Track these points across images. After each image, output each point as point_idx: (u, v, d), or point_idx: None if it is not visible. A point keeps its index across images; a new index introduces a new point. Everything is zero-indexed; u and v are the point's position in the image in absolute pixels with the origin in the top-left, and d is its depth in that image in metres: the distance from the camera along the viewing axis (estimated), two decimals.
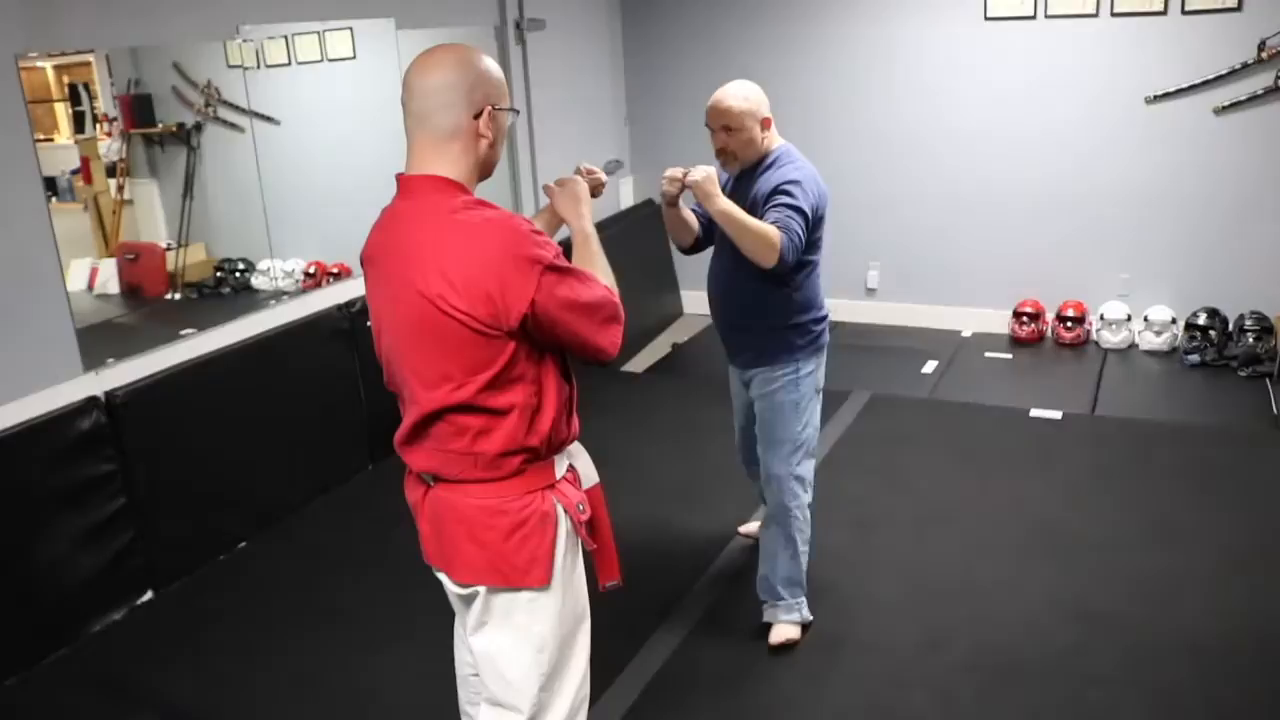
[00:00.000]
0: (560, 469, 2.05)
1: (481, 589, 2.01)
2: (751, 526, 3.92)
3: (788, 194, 2.97)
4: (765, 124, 3.09)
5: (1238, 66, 5.47)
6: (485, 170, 2.05)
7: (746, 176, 3.14)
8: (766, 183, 3.05)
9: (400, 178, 2.00)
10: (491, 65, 2.00)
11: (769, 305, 3.11)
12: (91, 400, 3.60)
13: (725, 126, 3.06)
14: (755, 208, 3.01)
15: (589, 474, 2.13)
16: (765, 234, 2.89)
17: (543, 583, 1.99)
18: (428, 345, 1.91)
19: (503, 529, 1.96)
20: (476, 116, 1.95)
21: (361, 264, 2.12)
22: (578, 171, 2.49)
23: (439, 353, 1.90)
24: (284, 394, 4.38)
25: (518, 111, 2.24)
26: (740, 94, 3.05)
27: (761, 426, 3.24)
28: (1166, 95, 5.67)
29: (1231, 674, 3.08)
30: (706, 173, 2.97)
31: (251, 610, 3.72)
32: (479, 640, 2.06)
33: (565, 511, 2.02)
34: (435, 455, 1.99)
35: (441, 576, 2.16)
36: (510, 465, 1.95)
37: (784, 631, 3.26)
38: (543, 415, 1.97)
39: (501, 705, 2.06)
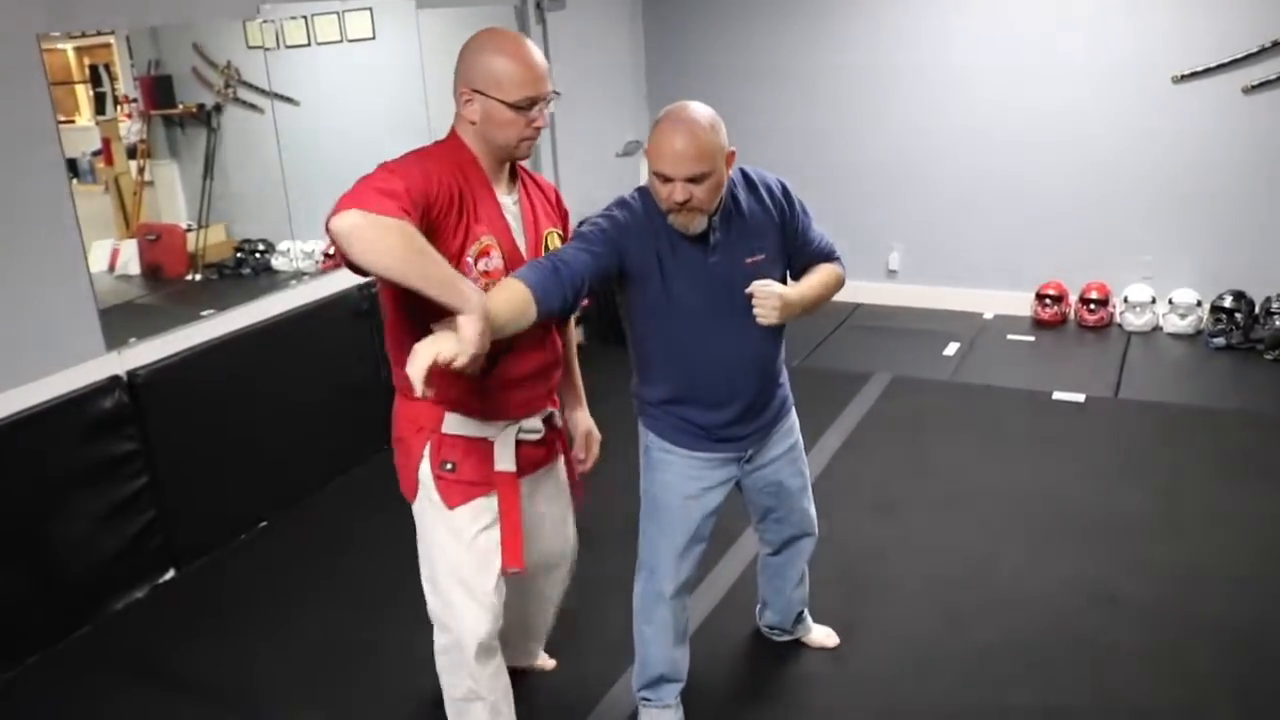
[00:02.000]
0: (452, 426, 2.31)
1: None
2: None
3: (807, 214, 2.62)
4: (730, 157, 2.40)
5: (1267, 45, 5.38)
6: (493, 149, 2.22)
7: (722, 225, 2.44)
8: (758, 215, 2.50)
9: None
10: (486, 53, 2.15)
11: (780, 355, 2.68)
12: (113, 380, 3.61)
13: (692, 177, 2.29)
14: (759, 250, 2.47)
15: (502, 460, 2.35)
16: (836, 280, 2.63)
17: (410, 498, 2.43)
18: None
19: (395, 440, 2.42)
20: (462, 97, 2.18)
21: None
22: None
23: None
24: (304, 374, 4.39)
25: (532, 103, 2.17)
26: (705, 123, 2.32)
27: (794, 474, 2.80)
28: (1194, 74, 5.59)
29: (1256, 659, 3.05)
30: (781, 298, 2.39)
31: (272, 589, 3.73)
32: None
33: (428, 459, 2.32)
34: None
35: None
36: (405, 394, 2.34)
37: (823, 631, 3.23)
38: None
39: None
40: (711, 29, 6.70)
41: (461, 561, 2.38)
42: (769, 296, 2.38)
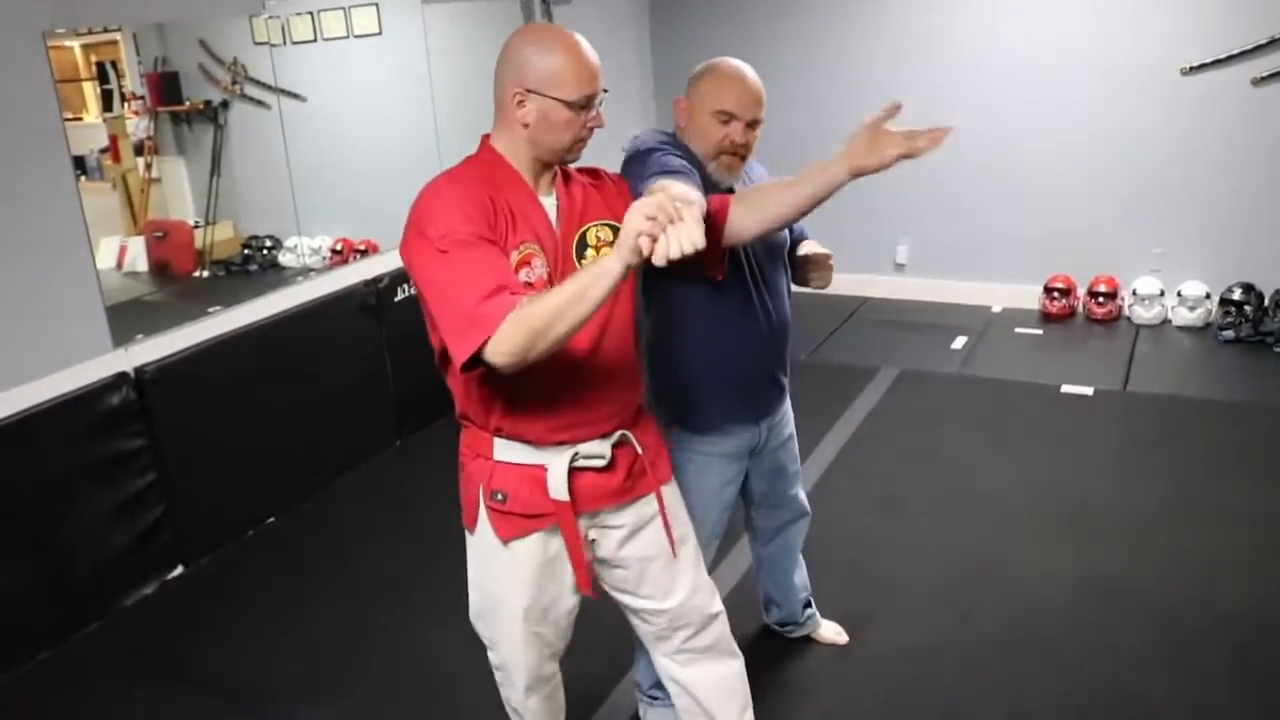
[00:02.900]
0: (502, 452, 2.09)
1: None
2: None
3: None
4: None
5: (1277, 36, 5.36)
6: (541, 152, 2.07)
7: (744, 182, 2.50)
8: (760, 176, 2.65)
9: None
10: (540, 50, 2.00)
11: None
12: (121, 376, 3.62)
13: (755, 120, 2.50)
14: None
15: (555, 488, 2.08)
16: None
17: (469, 527, 2.19)
18: None
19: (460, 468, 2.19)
20: (514, 99, 2.01)
21: None
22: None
23: None
24: (312, 370, 4.39)
25: (590, 101, 2.05)
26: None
27: (792, 459, 2.83)
28: (1203, 66, 5.57)
29: (1264, 653, 3.04)
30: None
31: (281, 584, 3.74)
32: None
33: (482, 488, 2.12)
34: None
35: None
36: (464, 420, 2.14)
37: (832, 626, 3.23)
38: (471, 389, 2.03)
39: None
40: (717, 24, 6.69)
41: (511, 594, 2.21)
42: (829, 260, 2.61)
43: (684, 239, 1.67)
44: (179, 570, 3.85)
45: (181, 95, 4.69)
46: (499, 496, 2.10)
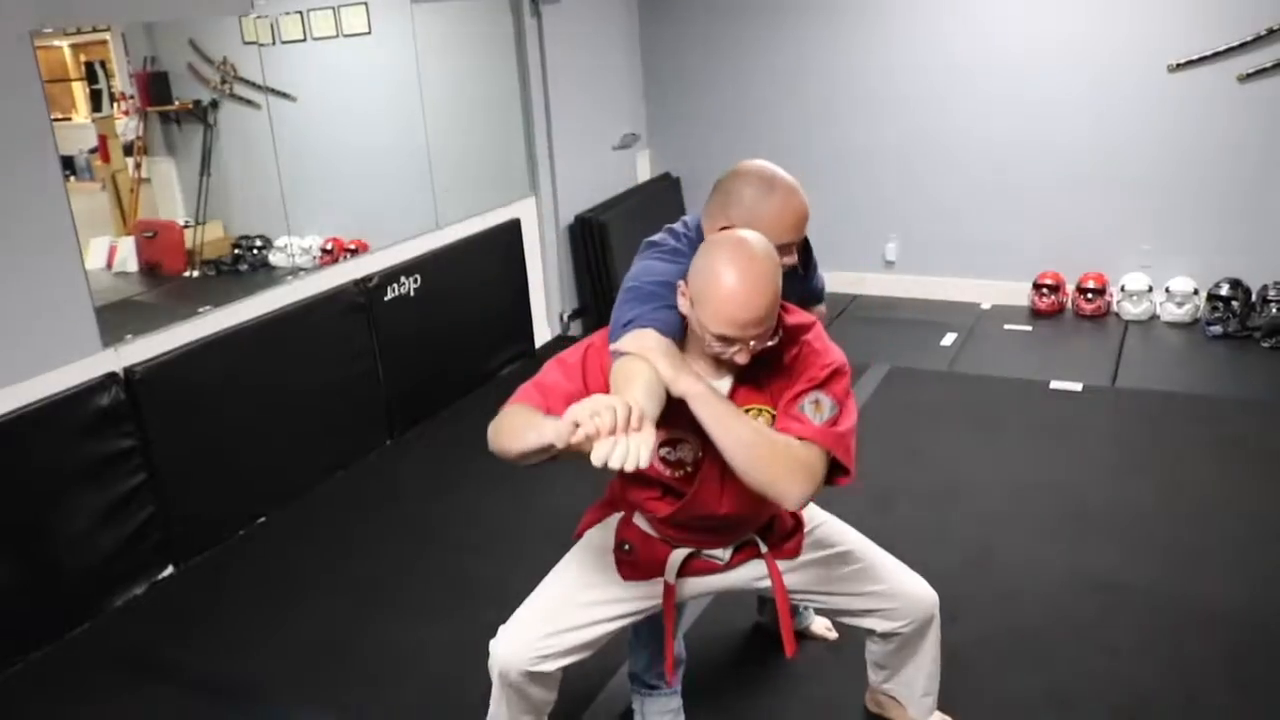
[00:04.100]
0: (638, 518, 2.34)
1: None
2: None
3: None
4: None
5: (1263, 33, 5.38)
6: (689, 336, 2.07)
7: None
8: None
9: None
10: (705, 260, 1.94)
11: None
12: (110, 376, 3.61)
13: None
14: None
15: (669, 571, 2.32)
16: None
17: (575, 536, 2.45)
18: None
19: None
20: (680, 290, 2.03)
21: None
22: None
23: None
24: (302, 369, 4.39)
25: (723, 339, 1.95)
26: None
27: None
28: (1189, 63, 5.59)
29: (1253, 646, 3.05)
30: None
31: (271, 585, 3.74)
32: None
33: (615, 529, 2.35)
34: None
35: None
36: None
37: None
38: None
39: None
40: (707, 21, 6.70)
41: (562, 604, 2.32)
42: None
43: (630, 455, 1.65)
44: (169, 571, 3.84)
45: (171, 95, 4.69)
46: (625, 547, 2.33)
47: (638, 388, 1.85)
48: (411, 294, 4.90)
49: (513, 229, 5.68)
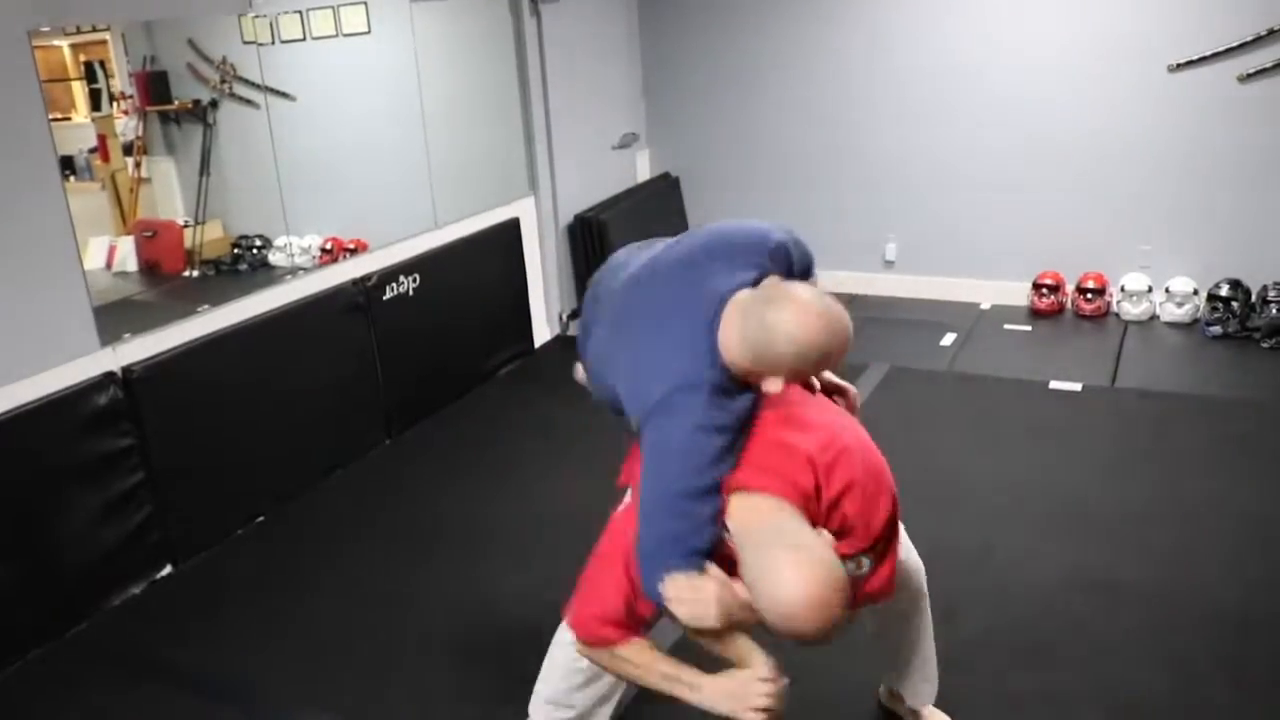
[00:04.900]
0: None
1: None
2: None
3: None
4: None
5: (1263, 33, 5.38)
6: None
7: None
8: None
9: None
10: None
11: None
12: (108, 375, 3.61)
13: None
14: None
15: None
16: None
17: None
18: None
19: None
20: None
21: None
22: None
23: None
24: (301, 369, 4.39)
25: None
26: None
27: None
28: (1189, 63, 5.58)
29: (1252, 646, 3.05)
30: None
31: (270, 584, 3.74)
32: None
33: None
34: None
35: None
36: None
37: None
38: None
39: None
40: (707, 20, 6.69)
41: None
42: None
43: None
44: (168, 570, 3.84)
45: (170, 95, 4.68)
46: None
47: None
48: (410, 293, 4.90)
49: (512, 228, 5.68)
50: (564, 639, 2.29)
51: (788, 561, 1.75)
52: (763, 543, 1.81)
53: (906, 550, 2.51)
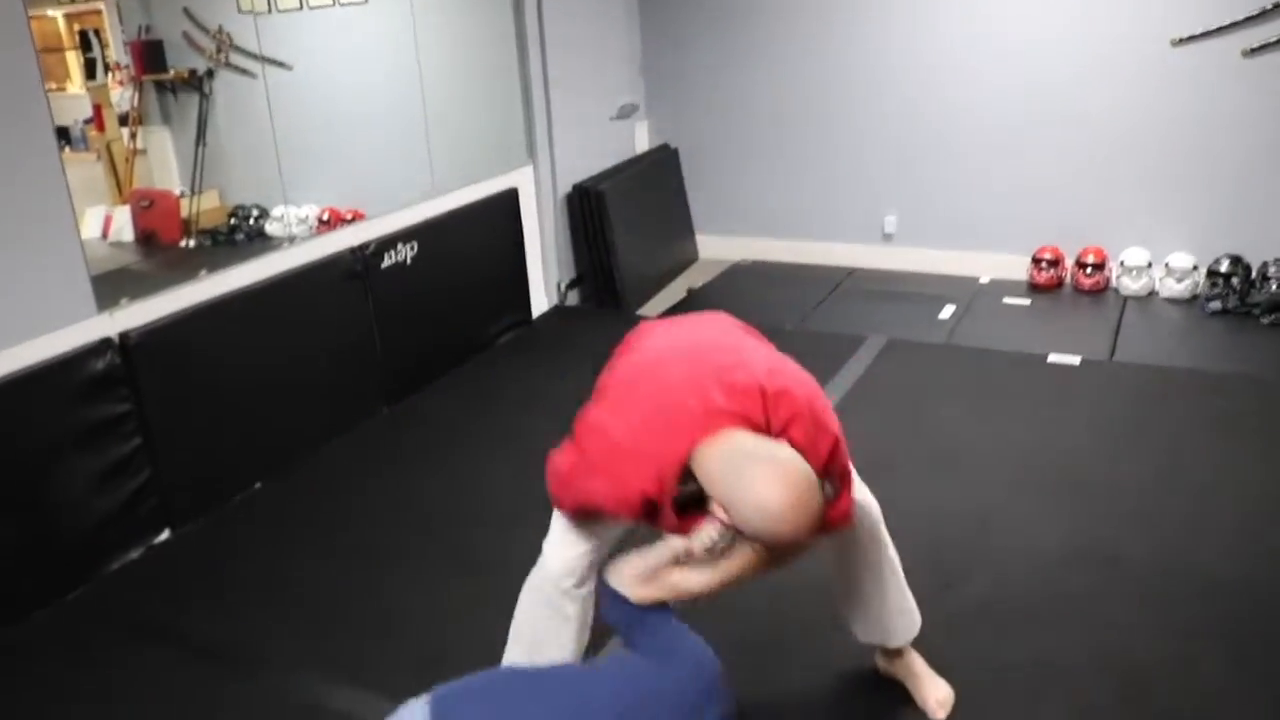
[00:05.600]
0: None
1: None
2: None
3: None
4: None
5: (1268, 7, 5.35)
6: None
7: None
8: None
9: None
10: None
11: None
12: (105, 341, 3.61)
13: None
14: None
15: None
16: None
17: None
18: None
19: None
20: None
21: None
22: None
23: None
24: (299, 336, 4.38)
25: None
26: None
27: None
28: (1193, 37, 5.56)
29: (1249, 618, 3.06)
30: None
31: (268, 550, 3.75)
32: None
33: None
34: None
35: None
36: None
37: None
38: None
39: None
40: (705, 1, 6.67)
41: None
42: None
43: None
44: (165, 535, 3.85)
45: (166, 64, 4.66)
46: None
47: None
48: (409, 262, 4.89)
49: (510, 198, 5.66)
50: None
51: (762, 472, 1.91)
52: (732, 467, 1.95)
53: (860, 489, 2.64)
